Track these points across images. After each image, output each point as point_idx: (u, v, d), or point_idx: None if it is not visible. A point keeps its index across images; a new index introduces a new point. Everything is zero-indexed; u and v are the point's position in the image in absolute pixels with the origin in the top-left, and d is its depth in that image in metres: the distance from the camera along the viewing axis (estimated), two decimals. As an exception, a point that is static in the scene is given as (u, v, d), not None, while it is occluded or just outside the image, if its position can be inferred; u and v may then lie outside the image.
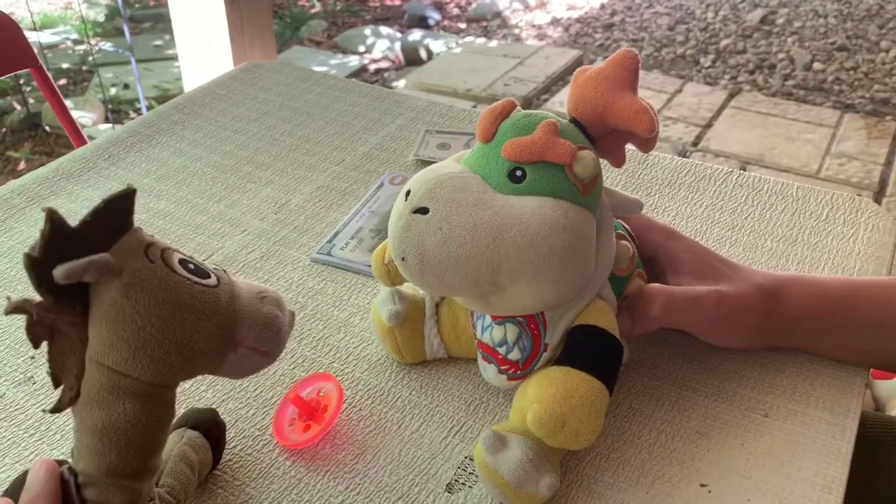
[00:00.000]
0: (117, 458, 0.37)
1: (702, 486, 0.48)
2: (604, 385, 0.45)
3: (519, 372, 0.49)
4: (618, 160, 0.51)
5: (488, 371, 0.51)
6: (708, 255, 0.56)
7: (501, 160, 0.45)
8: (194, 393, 0.55)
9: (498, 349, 0.49)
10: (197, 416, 0.49)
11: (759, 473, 0.49)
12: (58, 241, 0.34)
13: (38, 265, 0.33)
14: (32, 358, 0.58)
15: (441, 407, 0.54)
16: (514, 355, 0.49)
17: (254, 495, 0.48)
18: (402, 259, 0.45)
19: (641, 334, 0.54)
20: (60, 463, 0.38)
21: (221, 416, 0.51)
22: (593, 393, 0.45)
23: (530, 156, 0.44)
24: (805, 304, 0.54)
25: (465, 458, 0.50)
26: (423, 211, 0.44)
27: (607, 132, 0.48)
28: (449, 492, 0.48)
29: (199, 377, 0.55)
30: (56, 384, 0.37)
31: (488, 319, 0.50)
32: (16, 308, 0.34)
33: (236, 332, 0.39)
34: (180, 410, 0.53)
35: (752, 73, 2.84)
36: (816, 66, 2.86)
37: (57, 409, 0.36)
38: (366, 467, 0.50)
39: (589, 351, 0.47)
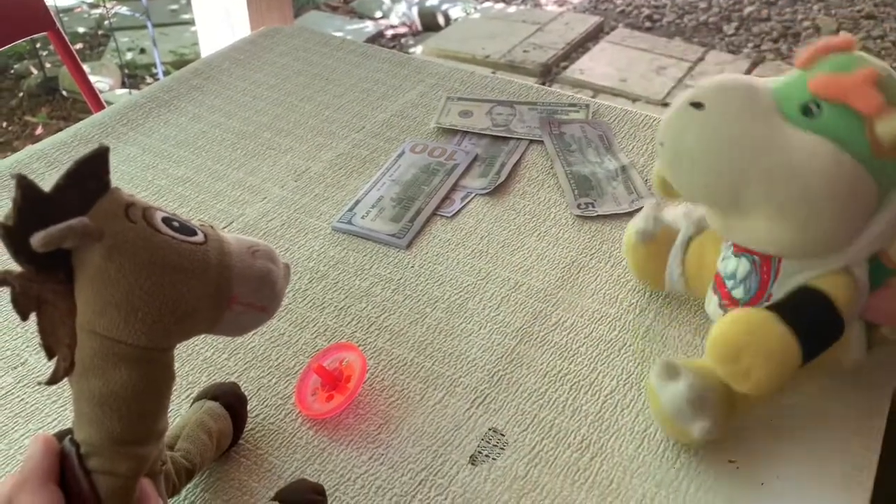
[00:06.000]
0: (119, 425, 0.36)
1: (730, 461, 0.47)
2: (797, 343, 0.43)
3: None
4: None
5: (712, 302, 0.51)
6: None
7: (804, 90, 0.44)
8: (216, 362, 0.55)
9: (727, 281, 0.49)
10: (217, 388, 0.48)
11: (789, 451, 0.48)
12: (32, 207, 0.32)
13: (14, 234, 0.32)
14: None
15: (464, 378, 0.53)
16: (738, 293, 0.48)
17: (276, 464, 0.48)
18: (661, 144, 0.45)
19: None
20: (65, 434, 0.37)
21: (243, 386, 0.50)
22: (779, 342, 0.43)
23: (834, 93, 0.43)
24: None
25: (489, 430, 0.50)
26: (698, 105, 0.44)
27: None
28: (473, 464, 0.48)
29: (221, 345, 0.56)
30: (50, 356, 0.35)
31: (730, 249, 0.49)
32: None
33: (229, 288, 0.37)
34: (203, 380, 0.53)
35: (776, 41, 2.79)
36: (842, 34, 2.80)
37: (52, 380, 0.35)
38: (389, 438, 0.49)
39: (799, 307, 0.45)
